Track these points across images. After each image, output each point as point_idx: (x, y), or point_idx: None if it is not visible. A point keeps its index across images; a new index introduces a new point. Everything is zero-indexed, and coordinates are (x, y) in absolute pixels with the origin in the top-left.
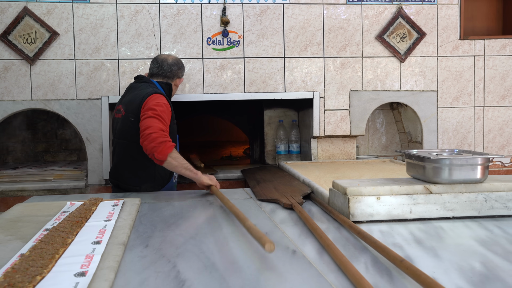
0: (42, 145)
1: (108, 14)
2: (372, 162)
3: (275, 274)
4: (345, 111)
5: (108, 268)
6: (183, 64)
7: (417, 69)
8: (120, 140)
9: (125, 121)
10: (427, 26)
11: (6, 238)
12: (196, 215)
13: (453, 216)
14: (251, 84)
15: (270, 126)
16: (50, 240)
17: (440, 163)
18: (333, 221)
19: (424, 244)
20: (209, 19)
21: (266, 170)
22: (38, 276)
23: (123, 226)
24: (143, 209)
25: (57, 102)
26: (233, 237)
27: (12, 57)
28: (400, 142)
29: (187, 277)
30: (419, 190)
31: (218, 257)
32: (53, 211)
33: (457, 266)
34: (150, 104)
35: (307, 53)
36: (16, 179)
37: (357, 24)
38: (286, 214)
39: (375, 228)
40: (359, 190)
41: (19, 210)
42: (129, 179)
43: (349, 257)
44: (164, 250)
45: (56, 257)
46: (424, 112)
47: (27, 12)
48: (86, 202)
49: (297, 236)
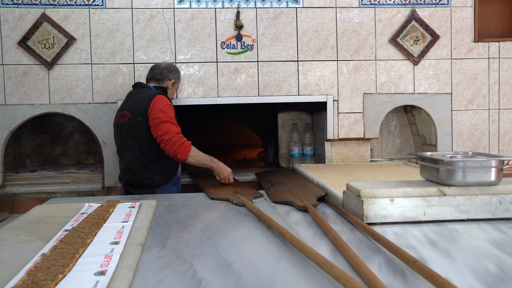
0: (60, 148)
1: (123, 19)
2: (386, 165)
3: (289, 274)
4: (359, 114)
5: (126, 268)
6: (176, 68)
7: (431, 72)
8: (129, 140)
9: (132, 122)
10: (440, 29)
11: (28, 238)
12: (211, 217)
13: (467, 218)
14: (265, 87)
15: (284, 129)
16: (70, 240)
17: (454, 165)
18: (347, 223)
19: (437, 246)
20: (223, 23)
21: (280, 173)
22: (59, 274)
23: (140, 227)
24: (159, 210)
25: (74, 106)
26: (248, 238)
27: (31, 62)
28: (414, 145)
29: (203, 276)
30: (432, 192)
31: (233, 257)
32: (72, 213)
33: (470, 267)
34: (159, 106)
35: (320, 57)
36: (35, 182)
37: (370, 27)
38: (300, 216)
39: (389, 230)
40: (372, 192)
41: (39, 211)
42: (141, 174)
43: (363, 258)
44: (180, 251)
45: (77, 256)
46: (438, 115)
47: (45, 18)
48: (103, 204)
49: (311, 238)
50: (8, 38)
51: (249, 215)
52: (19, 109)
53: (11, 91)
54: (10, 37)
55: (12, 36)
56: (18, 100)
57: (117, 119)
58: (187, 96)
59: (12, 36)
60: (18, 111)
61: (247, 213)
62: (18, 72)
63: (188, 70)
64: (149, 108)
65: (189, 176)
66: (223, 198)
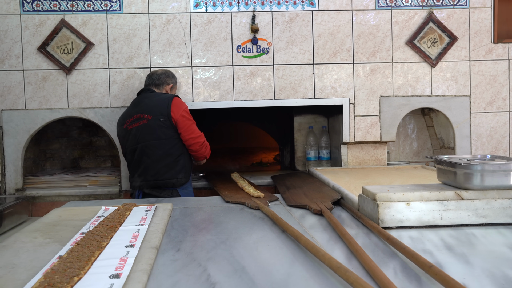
0: (78, 152)
1: (140, 24)
2: (403, 168)
3: (303, 279)
4: (375, 117)
5: (141, 271)
6: (172, 74)
7: (449, 74)
8: (151, 142)
9: (155, 123)
10: (459, 30)
11: (45, 241)
12: (226, 220)
13: (485, 222)
14: (281, 91)
15: (300, 132)
16: (86, 243)
17: (472, 169)
18: (362, 227)
19: (454, 251)
20: (239, 27)
21: (296, 176)
22: (75, 277)
23: (155, 230)
24: (174, 214)
25: (92, 110)
26: (262, 242)
27: (50, 67)
28: (432, 148)
29: (217, 280)
30: (450, 196)
31: (248, 261)
32: (89, 216)
33: (488, 273)
34: (184, 108)
35: (336, 60)
36: (53, 185)
37: (386, 29)
38: (316, 219)
39: (405, 234)
40: (388, 196)
41: (56, 214)
42: (166, 173)
43: (378, 262)
44: (195, 254)
45: (92, 259)
46: (456, 118)
47: (64, 24)
48: (120, 207)
49: (326, 241)
50: (29, 44)
51: (264, 219)
52: (38, 114)
53: (31, 96)
54: (30, 43)
55: (32, 42)
56: (37, 104)
57: (127, 124)
58: (203, 100)
59: (32, 42)
60: (37, 116)
61: (262, 217)
62: (37, 77)
63: (204, 74)
64: (172, 109)
65: (205, 180)
66: (239, 201)
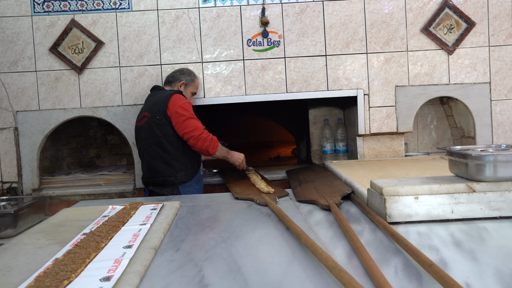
0: (94, 151)
1: (150, 21)
2: (421, 160)
3: (298, 279)
4: (391, 107)
5: (134, 273)
6: (189, 71)
7: (467, 61)
8: (151, 139)
9: (152, 121)
10: (476, 15)
11: (47, 242)
12: (232, 218)
13: (499, 216)
14: (293, 84)
15: (316, 125)
16: (84, 244)
17: (484, 159)
18: (370, 222)
19: (463, 247)
20: (249, 20)
21: (311, 170)
22: (65, 280)
23: (157, 230)
24: (182, 212)
25: (104, 109)
26: (264, 240)
27: (62, 68)
28: (452, 138)
29: (210, 281)
30: (461, 188)
31: (245, 261)
32: (95, 216)
33: (495, 271)
34: (180, 104)
35: (349, 50)
36: (69, 184)
37: (400, 17)
38: (323, 215)
39: (413, 229)
40: (396, 190)
41: (64, 215)
42: (165, 170)
43: (380, 260)
44: (193, 254)
45: (87, 261)
46: (476, 106)
47: (74, 23)
48: (126, 206)
49: (330, 239)
50: (40, 45)
51: (270, 215)
52: (52, 114)
53: (44, 97)
54: (42, 44)
55: (44, 43)
56: (51, 105)
57: (137, 122)
58: (215, 95)
59: (44, 43)
60: (51, 116)
61: (269, 213)
62: (50, 77)
63: (215, 69)
64: (168, 106)
65: (219, 176)
66: (248, 198)
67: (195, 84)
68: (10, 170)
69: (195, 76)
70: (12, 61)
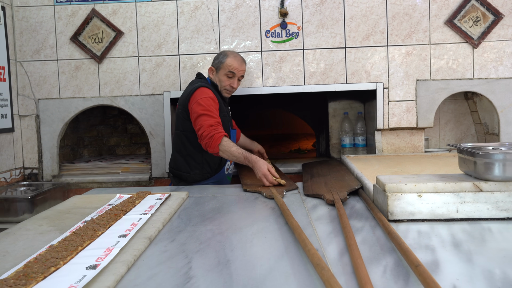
0: (114, 139)
1: (168, 11)
2: (441, 156)
3: (284, 275)
4: (411, 102)
5: (122, 262)
6: (220, 53)
7: (493, 55)
8: (176, 131)
9: (178, 113)
10: (505, 7)
11: (48, 229)
12: (235, 210)
13: (507, 217)
14: (311, 76)
15: (335, 118)
16: (82, 232)
17: (492, 158)
18: (372, 219)
19: (461, 247)
20: (267, 11)
21: (326, 164)
22: (52, 267)
23: (157, 220)
24: (188, 202)
25: (122, 98)
26: (260, 234)
27: (82, 57)
28: (476, 134)
29: (196, 273)
30: (467, 187)
31: (236, 254)
32: (101, 204)
33: (487, 274)
34: (197, 99)
35: (369, 42)
36: (87, 172)
37: (423, 9)
38: (327, 210)
39: (414, 228)
40: (399, 187)
41: (72, 202)
42: (181, 165)
43: (372, 258)
44: (187, 245)
45: (79, 249)
46: (501, 102)
47: (94, 13)
48: (133, 195)
49: (327, 234)
50: (62, 34)
51: (274, 209)
52: (72, 102)
53: (64, 85)
54: (63, 34)
55: (65, 32)
56: (71, 93)
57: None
58: None
59: (65, 33)
60: (71, 104)
61: (273, 207)
62: (71, 66)
63: None
64: (189, 101)
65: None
66: (256, 190)
67: (227, 64)
68: (32, 156)
69: (225, 55)
70: (35, 49)
